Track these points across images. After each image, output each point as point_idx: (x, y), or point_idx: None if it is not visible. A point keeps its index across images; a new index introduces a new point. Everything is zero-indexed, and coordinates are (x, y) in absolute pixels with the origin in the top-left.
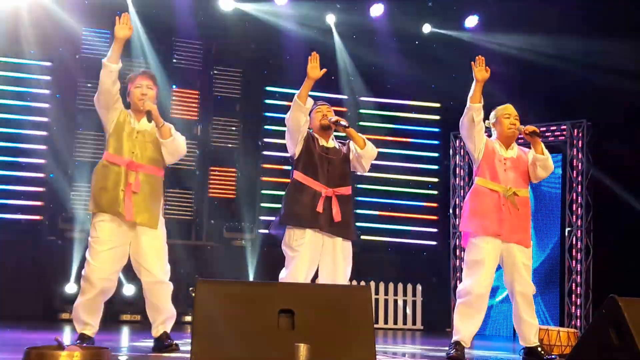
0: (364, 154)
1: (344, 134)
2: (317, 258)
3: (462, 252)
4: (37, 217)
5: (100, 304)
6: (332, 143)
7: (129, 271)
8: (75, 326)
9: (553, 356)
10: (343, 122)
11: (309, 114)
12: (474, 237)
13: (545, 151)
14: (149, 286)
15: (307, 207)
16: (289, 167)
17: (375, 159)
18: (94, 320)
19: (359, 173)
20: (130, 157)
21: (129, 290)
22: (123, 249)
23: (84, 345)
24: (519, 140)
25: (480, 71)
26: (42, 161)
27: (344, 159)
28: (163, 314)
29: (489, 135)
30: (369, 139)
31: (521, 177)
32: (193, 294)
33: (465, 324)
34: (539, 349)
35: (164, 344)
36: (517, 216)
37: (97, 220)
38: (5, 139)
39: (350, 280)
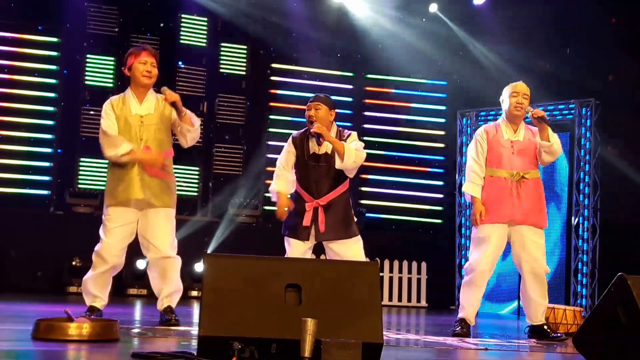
0: (343, 167)
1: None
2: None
3: (468, 230)
4: (45, 192)
5: (110, 279)
6: (324, 148)
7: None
8: (85, 299)
9: (559, 334)
10: (320, 138)
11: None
12: (484, 223)
13: (553, 137)
14: (156, 262)
15: (299, 219)
16: None
17: (381, 137)
18: (104, 293)
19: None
20: (139, 145)
21: (139, 264)
22: (132, 226)
23: (93, 317)
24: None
25: None
26: (49, 136)
27: (329, 165)
28: (169, 288)
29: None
30: (374, 118)
31: (529, 158)
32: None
33: (469, 301)
34: (545, 327)
35: (165, 317)
36: (528, 198)
37: (111, 207)
38: (13, 114)
39: None
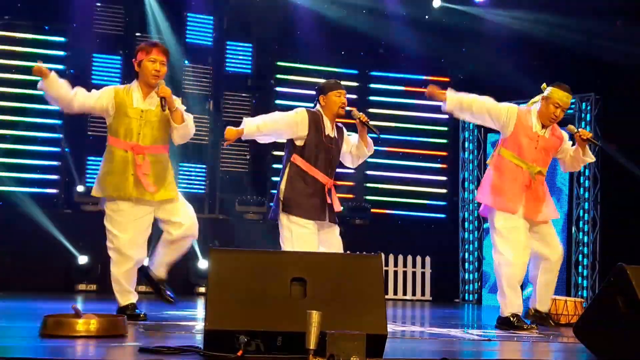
0: (366, 154)
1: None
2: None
3: (471, 225)
4: (53, 191)
5: (136, 272)
6: (334, 131)
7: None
8: (119, 298)
9: (528, 322)
10: (372, 127)
11: (326, 92)
12: (500, 209)
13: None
14: (177, 238)
15: (314, 200)
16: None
17: (385, 133)
18: (134, 287)
19: (345, 164)
20: (137, 139)
21: (145, 261)
22: (149, 218)
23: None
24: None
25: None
26: (57, 135)
27: (339, 150)
28: (172, 259)
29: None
30: (378, 114)
31: (547, 157)
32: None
33: (515, 295)
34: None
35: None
36: (543, 193)
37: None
38: (20, 114)
39: (361, 252)
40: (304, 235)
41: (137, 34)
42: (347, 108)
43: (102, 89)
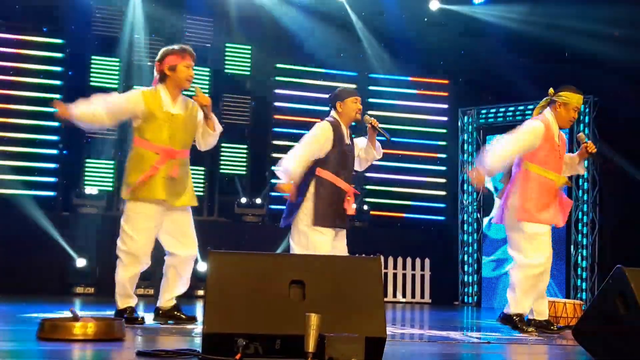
0: (375, 158)
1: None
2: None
3: (470, 227)
4: (51, 193)
5: (139, 277)
6: (349, 137)
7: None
8: (119, 301)
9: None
10: (384, 132)
11: (343, 98)
12: (535, 222)
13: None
14: (181, 260)
15: (337, 208)
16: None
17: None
18: (134, 290)
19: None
20: (167, 143)
21: (84, 263)
22: (159, 228)
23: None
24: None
25: None
26: (55, 138)
27: (354, 155)
28: (182, 288)
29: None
30: (378, 116)
31: (562, 163)
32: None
33: (529, 297)
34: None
35: (175, 314)
36: (566, 201)
37: (137, 202)
38: (18, 116)
39: (360, 254)
40: (320, 242)
41: (136, 36)
42: None
43: (127, 93)
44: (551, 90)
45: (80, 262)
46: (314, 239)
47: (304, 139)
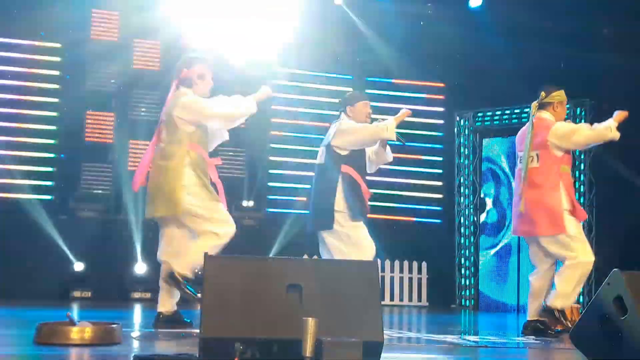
0: (387, 160)
1: None
2: None
3: (467, 230)
4: (48, 197)
5: None
6: None
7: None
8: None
9: (558, 330)
10: (399, 137)
11: (353, 102)
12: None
13: None
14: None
15: (364, 203)
16: (297, 147)
17: None
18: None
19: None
20: (207, 147)
21: (141, 268)
22: None
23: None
24: None
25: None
26: (52, 141)
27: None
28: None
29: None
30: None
31: None
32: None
33: (576, 292)
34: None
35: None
36: None
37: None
38: (16, 120)
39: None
40: (363, 236)
41: (135, 40)
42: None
43: (195, 98)
44: (543, 93)
45: (78, 266)
46: (357, 235)
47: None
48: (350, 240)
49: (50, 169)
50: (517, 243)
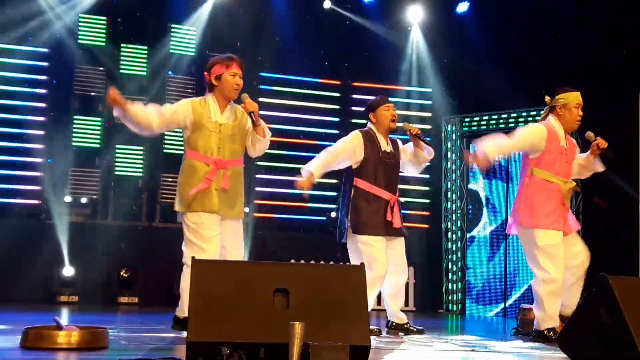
0: (427, 159)
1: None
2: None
3: (454, 235)
4: (35, 202)
5: None
6: (389, 146)
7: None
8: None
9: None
10: (427, 141)
11: (374, 108)
12: (542, 228)
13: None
14: None
15: (379, 217)
16: (283, 152)
17: None
18: None
19: (407, 174)
20: (218, 154)
21: (68, 271)
22: (220, 236)
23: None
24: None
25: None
26: (40, 146)
27: (398, 163)
28: None
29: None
30: (360, 125)
31: (570, 168)
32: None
33: (556, 310)
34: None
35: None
36: (567, 205)
37: (195, 212)
38: (3, 124)
39: (344, 263)
40: (372, 253)
41: (122, 45)
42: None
43: (177, 103)
44: (547, 97)
45: (65, 271)
46: (365, 251)
47: (334, 145)
48: (361, 255)
49: (37, 174)
50: (505, 248)
